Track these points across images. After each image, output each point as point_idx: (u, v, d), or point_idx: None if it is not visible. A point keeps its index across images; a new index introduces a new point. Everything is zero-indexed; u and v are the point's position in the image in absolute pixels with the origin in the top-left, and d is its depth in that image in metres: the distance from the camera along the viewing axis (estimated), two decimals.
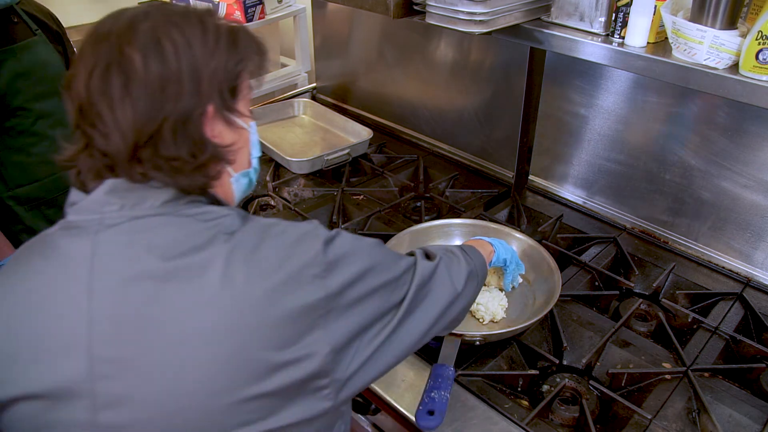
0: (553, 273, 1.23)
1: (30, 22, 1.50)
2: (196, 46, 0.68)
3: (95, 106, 0.65)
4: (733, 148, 1.27)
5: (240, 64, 0.72)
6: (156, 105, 0.65)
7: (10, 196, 1.49)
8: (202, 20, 0.70)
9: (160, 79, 0.65)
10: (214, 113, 0.70)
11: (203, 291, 0.63)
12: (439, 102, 1.85)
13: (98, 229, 0.66)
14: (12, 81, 1.40)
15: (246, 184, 0.82)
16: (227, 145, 0.73)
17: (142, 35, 0.66)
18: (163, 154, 0.67)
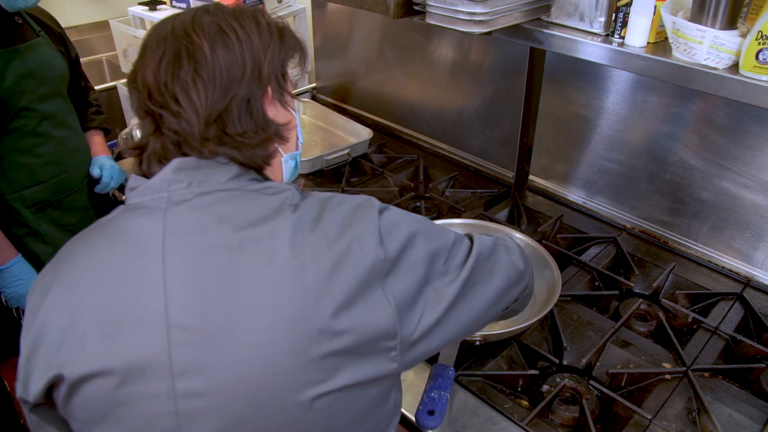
0: (553, 273, 1.23)
1: (33, 24, 1.50)
2: (254, 36, 0.75)
3: (168, 89, 0.71)
4: (733, 148, 1.27)
5: (289, 55, 0.81)
6: (224, 86, 0.72)
7: (15, 198, 1.49)
8: (255, 16, 0.78)
9: (226, 63, 0.72)
10: (272, 95, 0.77)
11: (274, 258, 0.66)
12: (439, 102, 1.85)
13: (167, 206, 0.70)
14: (17, 81, 1.40)
15: (293, 167, 0.88)
16: (284, 123, 0.80)
17: (206, 26, 0.73)
18: (231, 130, 0.73)
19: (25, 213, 1.51)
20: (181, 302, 0.65)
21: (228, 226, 0.68)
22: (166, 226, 0.69)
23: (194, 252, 0.67)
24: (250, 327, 0.65)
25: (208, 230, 0.68)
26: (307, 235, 0.68)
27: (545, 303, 1.17)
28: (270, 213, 0.70)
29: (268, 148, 0.77)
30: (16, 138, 1.45)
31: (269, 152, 0.78)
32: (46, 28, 1.54)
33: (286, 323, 0.65)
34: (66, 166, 1.54)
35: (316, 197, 0.75)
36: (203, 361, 0.65)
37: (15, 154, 1.46)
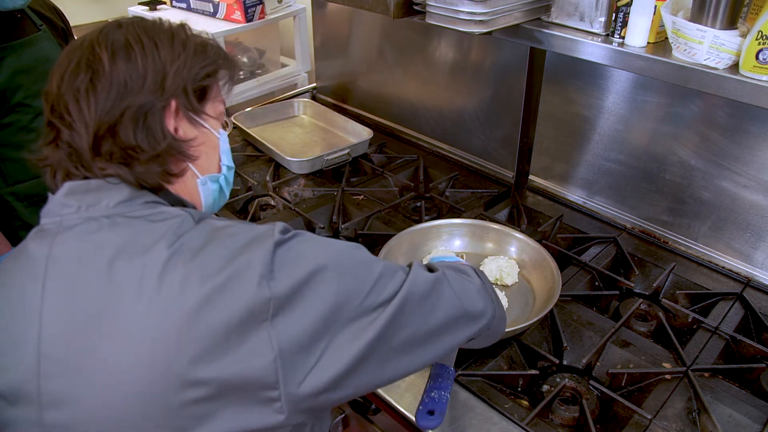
0: (553, 273, 1.23)
1: (35, 18, 1.50)
2: (163, 48, 0.74)
3: (63, 100, 0.70)
4: (733, 148, 1.27)
5: (207, 68, 0.77)
6: (118, 97, 0.70)
7: (9, 192, 1.49)
8: (172, 29, 0.77)
9: (124, 74, 0.70)
10: (176, 109, 0.74)
11: (140, 294, 0.63)
12: (439, 102, 1.85)
13: (57, 231, 0.69)
14: (12, 77, 1.41)
15: (216, 191, 0.84)
16: (188, 139, 0.76)
17: (112, 38, 0.72)
18: (123, 143, 0.70)
19: (19, 207, 1.52)
20: (53, 332, 0.65)
21: (104, 255, 0.66)
22: (51, 252, 0.68)
23: (70, 281, 0.66)
24: (112, 365, 0.63)
25: (86, 259, 0.66)
26: (179, 268, 0.64)
27: (545, 303, 1.17)
28: (149, 243, 0.66)
29: (166, 164, 0.74)
30: (10, 133, 1.45)
31: (169, 169, 0.75)
32: (49, 22, 1.54)
33: (144, 365, 0.62)
34: None
35: (209, 225, 0.70)
36: (69, 394, 0.64)
37: (9, 149, 1.46)
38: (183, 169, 0.77)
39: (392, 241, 1.32)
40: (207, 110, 0.79)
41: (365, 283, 0.68)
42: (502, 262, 1.31)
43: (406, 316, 0.70)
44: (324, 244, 0.70)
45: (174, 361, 0.61)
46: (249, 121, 1.98)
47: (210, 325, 0.62)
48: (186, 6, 2.12)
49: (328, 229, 1.51)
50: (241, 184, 1.72)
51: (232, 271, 0.63)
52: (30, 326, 0.66)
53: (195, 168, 0.79)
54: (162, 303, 0.63)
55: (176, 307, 0.62)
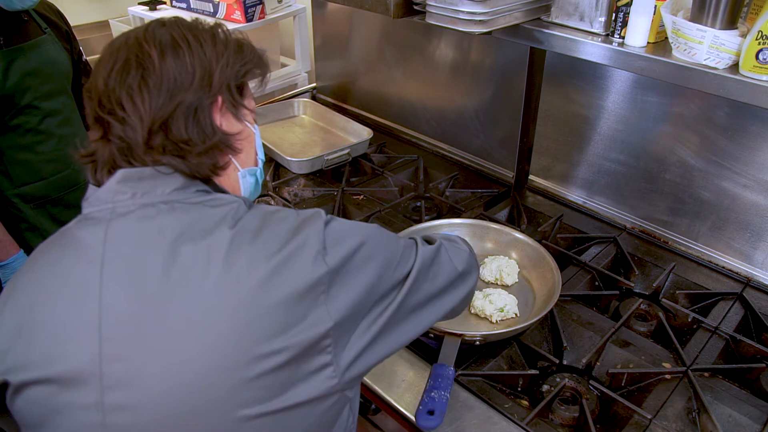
0: (553, 273, 1.23)
1: (40, 21, 1.51)
2: (207, 46, 0.76)
3: (115, 95, 0.72)
4: (733, 148, 1.27)
5: (246, 66, 0.80)
6: (170, 93, 0.72)
7: (15, 194, 1.50)
8: (212, 29, 0.80)
9: (174, 71, 0.72)
10: (222, 105, 0.77)
11: (208, 274, 0.66)
12: (439, 102, 1.85)
13: (111, 217, 0.70)
14: (21, 79, 1.41)
15: (252, 183, 0.88)
16: (234, 133, 0.79)
17: (159, 37, 0.74)
18: (176, 137, 0.73)
19: (25, 209, 1.52)
20: (115, 314, 0.66)
21: (166, 239, 0.68)
22: (107, 237, 0.69)
23: (131, 264, 0.67)
24: (180, 343, 0.64)
25: (147, 243, 0.68)
26: (244, 247, 0.67)
27: (545, 303, 1.17)
28: (210, 226, 0.69)
29: (215, 157, 0.77)
30: (17, 135, 1.45)
31: (217, 162, 0.77)
32: (53, 25, 1.55)
33: (215, 342, 0.64)
34: (67, 164, 1.55)
35: (262, 210, 0.75)
36: (133, 375, 0.65)
37: (16, 151, 1.46)
38: (227, 162, 0.80)
39: None
40: (246, 105, 0.83)
41: (395, 255, 0.77)
42: (502, 262, 1.31)
43: (419, 283, 0.79)
44: (356, 225, 0.76)
45: (245, 336, 0.64)
46: None
47: (277, 298, 0.65)
48: (186, 6, 2.12)
49: None
50: None
51: (292, 248, 0.68)
52: (89, 310, 0.66)
53: (236, 161, 0.82)
54: (231, 281, 0.65)
55: (245, 284, 0.65)
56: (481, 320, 1.21)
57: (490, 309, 1.19)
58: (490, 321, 1.20)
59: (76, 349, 0.66)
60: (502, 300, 1.20)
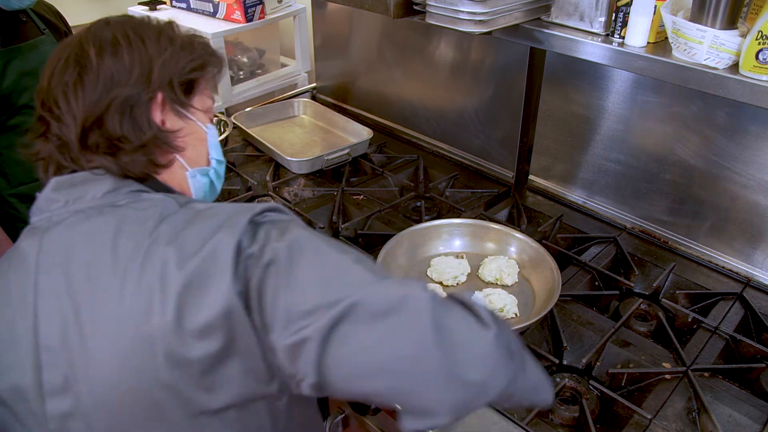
0: (553, 272, 1.23)
1: (38, 22, 1.51)
2: (150, 43, 0.76)
3: (52, 94, 0.73)
4: (733, 148, 1.27)
5: (193, 62, 0.79)
6: (105, 90, 0.72)
7: (12, 193, 1.50)
8: (159, 26, 0.79)
9: (111, 68, 0.73)
10: (163, 101, 0.76)
11: (127, 277, 0.65)
12: (439, 102, 1.85)
13: (48, 226, 0.71)
14: (18, 79, 1.41)
15: (206, 184, 0.85)
16: (173, 130, 0.78)
17: (99, 35, 0.75)
18: (110, 134, 0.72)
19: (22, 209, 1.52)
20: (48, 323, 0.66)
21: (91, 245, 0.68)
22: (41, 247, 0.70)
23: (61, 272, 0.68)
24: (102, 347, 0.65)
25: (75, 250, 0.68)
26: (161, 248, 0.65)
27: (545, 303, 1.17)
28: (134, 229, 0.68)
29: (153, 154, 0.76)
30: (15, 135, 1.45)
31: (156, 159, 0.76)
32: (52, 27, 1.55)
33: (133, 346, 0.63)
34: None
35: (192, 209, 0.71)
36: (69, 381, 0.65)
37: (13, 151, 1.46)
38: (170, 160, 0.79)
39: (391, 242, 1.32)
40: (194, 103, 0.81)
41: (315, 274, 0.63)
42: (502, 262, 1.31)
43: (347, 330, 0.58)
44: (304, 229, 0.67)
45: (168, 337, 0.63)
46: (249, 121, 1.98)
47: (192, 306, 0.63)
48: (186, 6, 2.12)
49: (328, 229, 1.51)
50: (241, 184, 1.72)
51: (208, 250, 0.64)
52: (26, 321, 0.67)
53: (183, 160, 0.81)
54: (146, 286, 0.64)
55: (156, 294, 0.63)
56: None
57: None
58: None
59: (17, 361, 0.67)
60: (501, 300, 1.20)
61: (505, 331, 0.63)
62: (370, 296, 0.59)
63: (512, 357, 0.62)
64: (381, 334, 0.57)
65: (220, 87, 1.99)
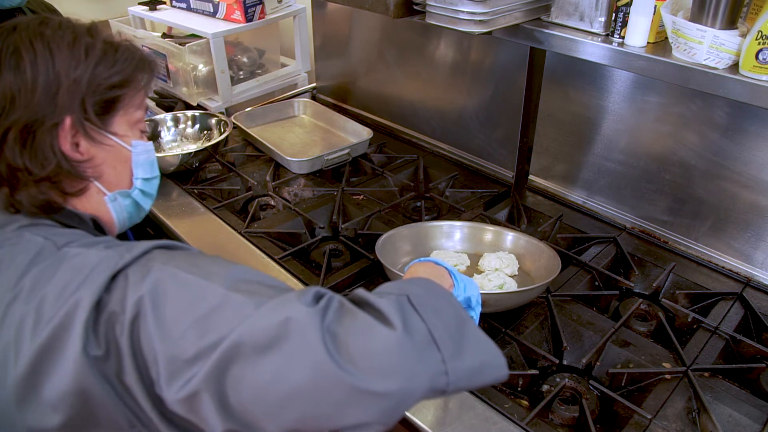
0: (553, 257, 1.24)
1: None
2: (60, 57, 0.66)
3: None
4: (733, 148, 1.27)
5: (113, 78, 0.70)
6: (3, 113, 0.64)
7: None
8: (76, 34, 0.69)
9: (11, 88, 0.64)
10: (72, 126, 0.68)
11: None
12: (439, 102, 1.85)
13: None
14: None
15: (130, 206, 0.78)
16: (84, 160, 0.69)
17: (2, 45, 0.66)
18: (9, 164, 0.65)
19: None
20: None
21: None
22: None
23: None
24: None
25: None
26: (20, 307, 0.60)
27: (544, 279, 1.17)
28: (3, 278, 0.62)
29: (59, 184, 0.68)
30: None
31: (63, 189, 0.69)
32: None
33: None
34: None
35: (65, 255, 0.62)
36: None
37: None
38: (83, 188, 0.71)
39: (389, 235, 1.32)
40: (115, 123, 0.72)
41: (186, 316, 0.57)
42: (502, 255, 1.33)
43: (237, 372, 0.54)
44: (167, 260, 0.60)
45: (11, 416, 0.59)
46: (249, 121, 1.98)
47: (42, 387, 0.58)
48: (186, 6, 2.12)
49: (328, 229, 1.51)
50: (241, 184, 1.72)
51: (63, 314, 0.57)
52: None
53: (100, 185, 0.73)
54: (1, 345, 0.59)
55: (11, 355, 0.59)
56: None
57: (489, 286, 1.21)
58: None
59: None
60: (501, 279, 1.22)
61: (418, 323, 0.57)
62: (250, 329, 0.54)
63: (435, 348, 0.56)
64: (274, 368, 0.53)
65: (220, 87, 2.00)
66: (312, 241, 1.46)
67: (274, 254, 1.38)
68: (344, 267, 1.38)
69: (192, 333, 0.55)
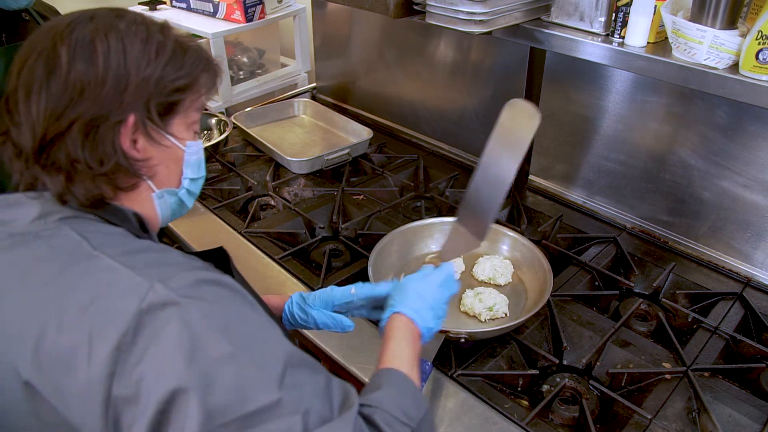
0: (546, 274, 1.22)
1: (40, 21, 1.51)
2: (132, 54, 0.66)
3: (16, 96, 0.66)
4: (733, 148, 1.27)
5: (179, 81, 0.70)
6: (71, 104, 0.64)
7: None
8: (149, 31, 0.69)
9: (81, 79, 0.64)
10: (135, 124, 0.67)
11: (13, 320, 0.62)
12: (439, 102, 1.85)
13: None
14: None
15: (175, 203, 0.79)
16: (142, 159, 0.70)
17: (77, 34, 0.65)
18: (69, 155, 0.65)
19: None
20: None
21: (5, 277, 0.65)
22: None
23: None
24: None
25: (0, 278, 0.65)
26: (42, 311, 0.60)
27: (536, 304, 1.17)
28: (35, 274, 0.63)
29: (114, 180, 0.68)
30: None
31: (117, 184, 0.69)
32: None
33: None
34: None
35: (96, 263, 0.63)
36: None
37: None
38: (134, 184, 0.71)
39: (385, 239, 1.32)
40: (174, 124, 0.72)
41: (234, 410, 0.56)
42: (496, 262, 1.31)
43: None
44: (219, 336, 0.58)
45: None
46: (249, 121, 1.98)
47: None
48: (186, 6, 2.12)
49: (328, 229, 1.51)
50: (241, 184, 1.72)
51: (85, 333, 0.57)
52: None
53: (151, 182, 0.74)
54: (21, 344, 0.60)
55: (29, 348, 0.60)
56: (471, 319, 1.20)
57: (479, 307, 1.19)
58: (479, 320, 1.19)
59: None
60: (492, 299, 1.20)
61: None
62: None
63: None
64: None
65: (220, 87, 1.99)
66: (312, 241, 1.46)
67: (274, 254, 1.38)
68: (344, 267, 1.38)
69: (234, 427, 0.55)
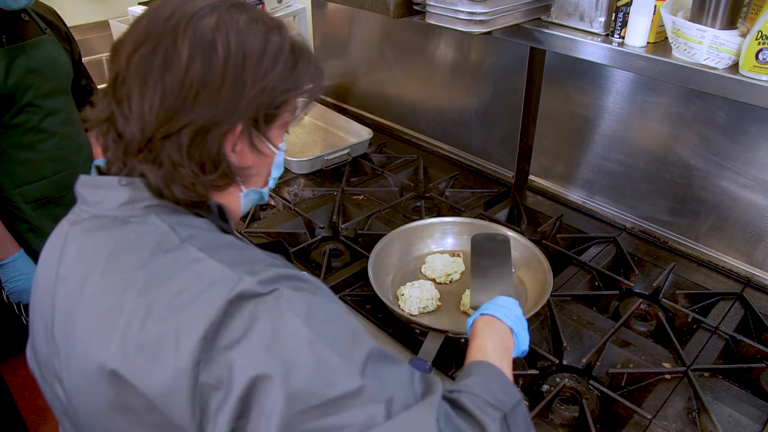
0: (545, 273, 1.22)
1: (40, 22, 1.51)
2: (251, 59, 0.64)
3: (127, 84, 0.63)
4: (733, 148, 1.27)
5: (288, 93, 0.68)
6: (185, 106, 0.62)
7: (17, 193, 1.50)
8: (268, 33, 0.66)
9: (199, 81, 0.61)
10: (241, 133, 0.66)
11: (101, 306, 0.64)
12: (439, 102, 1.85)
13: (75, 221, 0.70)
14: (23, 77, 1.41)
15: (255, 199, 0.80)
16: (243, 167, 0.69)
17: (199, 30, 0.62)
18: (172, 157, 0.64)
19: (26, 209, 1.52)
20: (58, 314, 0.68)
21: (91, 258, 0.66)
22: (64, 244, 0.70)
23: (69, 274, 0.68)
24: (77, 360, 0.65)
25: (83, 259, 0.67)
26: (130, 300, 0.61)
27: (536, 304, 1.17)
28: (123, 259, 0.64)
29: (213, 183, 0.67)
30: (18, 133, 1.45)
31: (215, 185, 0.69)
32: (53, 26, 1.56)
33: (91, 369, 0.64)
34: (68, 163, 1.55)
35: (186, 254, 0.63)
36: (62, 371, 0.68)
37: (17, 150, 1.46)
38: (227, 183, 0.71)
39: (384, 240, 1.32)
40: (273, 129, 0.70)
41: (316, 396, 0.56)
42: None
43: None
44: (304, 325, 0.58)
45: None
46: None
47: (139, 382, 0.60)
48: None
49: (328, 229, 1.51)
50: None
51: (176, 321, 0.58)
52: (48, 309, 0.69)
53: (242, 184, 0.74)
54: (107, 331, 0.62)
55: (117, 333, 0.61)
56: None
57: None
58: None
59: (40, 342, 0.71)
60: None
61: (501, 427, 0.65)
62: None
63: None
64: None
65: None
66: (312, 241, 1.46)
67: None
68: (344, 267, 1.38)
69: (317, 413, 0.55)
